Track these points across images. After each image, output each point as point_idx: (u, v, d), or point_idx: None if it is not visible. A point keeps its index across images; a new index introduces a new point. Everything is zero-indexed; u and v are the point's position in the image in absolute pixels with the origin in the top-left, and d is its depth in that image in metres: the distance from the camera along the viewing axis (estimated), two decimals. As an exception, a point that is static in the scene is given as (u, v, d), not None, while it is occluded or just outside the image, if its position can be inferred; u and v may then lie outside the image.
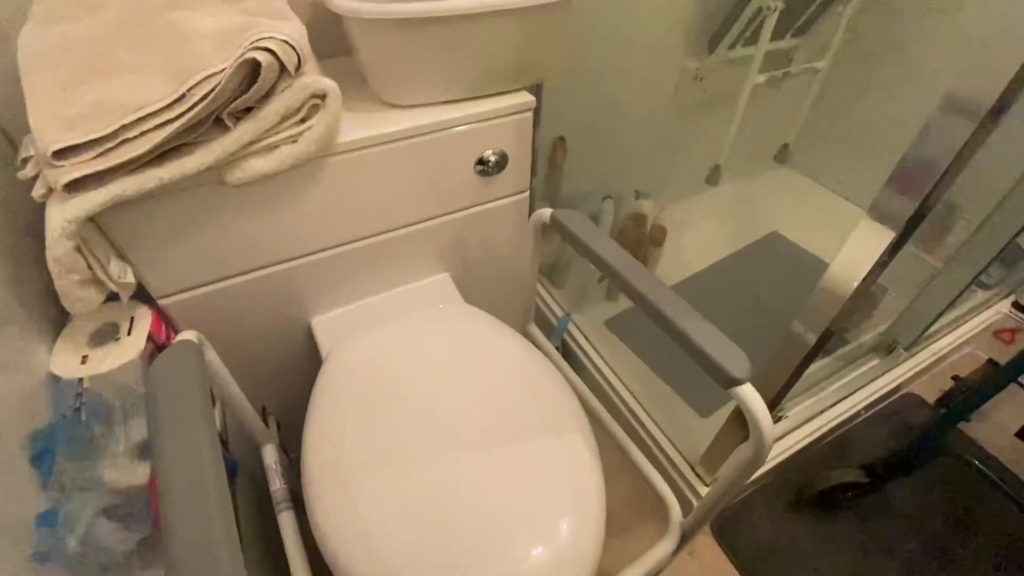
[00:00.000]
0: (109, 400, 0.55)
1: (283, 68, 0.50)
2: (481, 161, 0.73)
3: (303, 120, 0.56)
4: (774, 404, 0.77)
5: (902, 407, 1.23)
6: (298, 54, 0.51)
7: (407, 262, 0.80)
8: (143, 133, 0.48)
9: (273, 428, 0.81)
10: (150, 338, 0.59)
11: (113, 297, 0.57)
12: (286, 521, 0.64)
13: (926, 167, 0.48)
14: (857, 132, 1.50)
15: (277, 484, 0.67)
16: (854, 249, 0.57)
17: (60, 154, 0.46)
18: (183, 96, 0.48)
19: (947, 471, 1.07)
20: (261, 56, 0.47)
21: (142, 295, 0.62)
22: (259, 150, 0.55)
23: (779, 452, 0.98)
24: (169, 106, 0.48)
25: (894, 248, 0.54)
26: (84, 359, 0.55)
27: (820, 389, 1.05)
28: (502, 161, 0.75)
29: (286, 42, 0.49)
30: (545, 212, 0.65)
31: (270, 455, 0.70)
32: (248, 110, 0.52)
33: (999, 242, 1.01)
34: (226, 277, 0.65)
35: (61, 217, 0.46)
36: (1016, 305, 1.30)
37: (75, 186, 0.47)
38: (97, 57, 0.51)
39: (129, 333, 0.59)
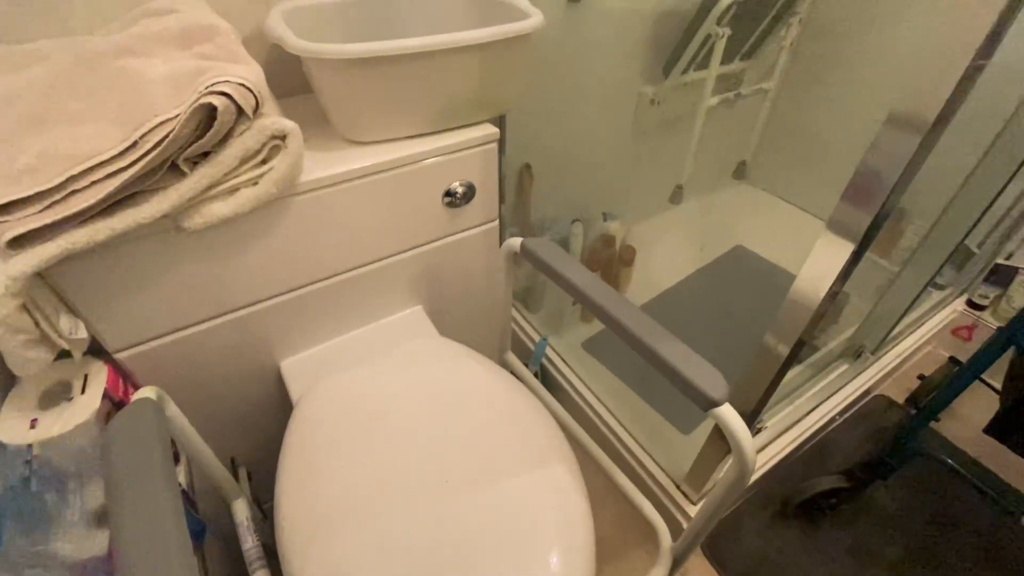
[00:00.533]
0: (62, 466, 0.51)
1: (240, 111, 0.49)
2: (449, 193, 0.73)
3: (264, 161, 0.55)
4: (753, 416, 0.78)
5: (874, 409, 1.26)
6: (256, 96, 0.50)
7: (378, 297, 0.79)
8: (93, 183, 0.46)
9: (244, 480, 0.77)
10: (106, 396, 0.56)
11: (65, 354, 0.54)
12: (261, 581, 0.61)
13: (878, 180, 0.50)
14: (808, 146, 1.59)
15: (249, 542, 0.63)
16: (817, 262, 0.58)
17: (4, 209, 0.44)
18: (135, 143, 0.46)
19: (923, 471, 1.09)
20: (217, 100, 0.47)
21: (96, 349, 0.58)
22: (218, 194, 0.53)
23: (762, 464, 0.99)
24: (121, 154, 0.47)
25: (854, 258, 0.56)
26: (33, 423, 0.51)
27: (796, 397, 1.07)
28: (469, 192, 0.75)
29: (243, 85, 0.49)
30: (515, 242, 0.65)
31: (241, 511, 0.66)
32: (205, 154, 0.51)
33: (949, 245, 1.06)
34: (187, 326, 0.63)
35: (5, 275, 0.44)
36: (970, 303, 1.36)
37: (20, 242, 0.44)
38: (44, 108, 0.49)
39: (83, 392, 0.55)
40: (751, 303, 1.42)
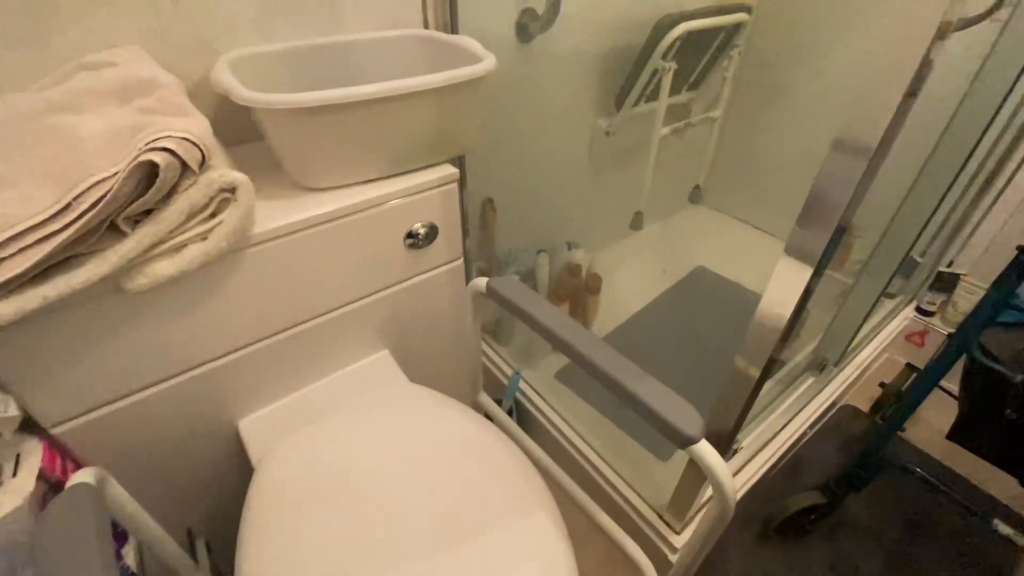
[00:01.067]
0: (-11, 562, 0.46)
1: (185, 166, 0.47)
2: (410, 235, 0.72)
3: (213, 215, 0.53)
4: (730, 439, 0.78)
5: (842, 419, 1.29)
6: (201, 150, 0.48)
7: (342, 345, 0.76)
8: (22, 250, 0.43)
9: (202, 552, 0.71)
10: (41, 476, 0.51)
11: (-8, 436, 0.49)
12: (223, 667, 0.55)
13: (830, 204, 0.52)
14: (757, 169, 1.66)
15: (209, 623, 0.58)
16: (779, 285, 0.60)
17: (-84, 284, 0.40)
18: (69, 205, 0.44)
19: (895, 480, 1.11)
20: (158, 157, 0.44)
21: (30, 424, 0.54)
22: (164, 252, 0.51)
23: (741, 484, 0.98)
24: (53, 217, 0.44)
25: (814, 279, 0.57)
26: (-45, 516, 0.46)
27: (767, 414, 1.08)
28: (432, 232, 0.74)
29: (186, 139, 0.47)
30: (480, 282, 0.64)
31: (199, 588, 0.61)
32: (148, 212, 0.49)
33: (897, 255, 1.12)
34: (132, 392, 0.59)
35: (-83, 356, 0.39)
36: (919, 310, 1.42)
37: (-64, 318, 0.41)
38: (-35, 171, 0.46)
39: (14, 475, 0.50)
40: (716, 321, 1.45)
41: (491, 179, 1.14)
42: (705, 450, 0.43)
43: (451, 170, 0.72)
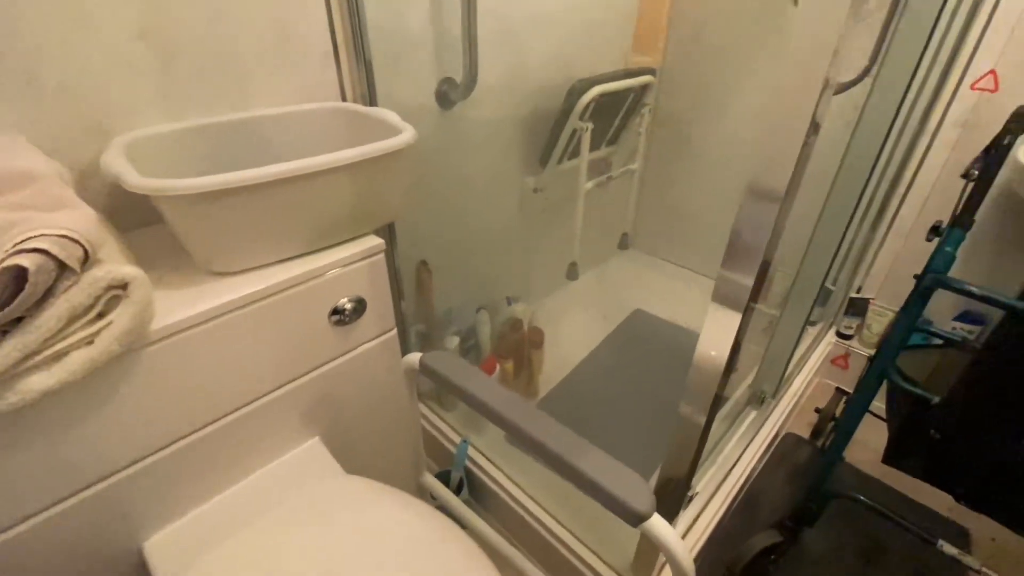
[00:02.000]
0: None
1: (63, 266, 0.42)
2: (336, 311, 0.68)
3: (100, 315, 0.47)
4: (685, 486, 0.77)
5: (786, 448, 1.32)
6: (83, 246, 0.43)
7: (265, 438, 0.69)
8: None
9: None
10: None
11: None
12: None
13: (750, 246, 0.54)
14: (678, 213, 1.77)
15: None
16: (713, 329, 0.61)
17: None
18: (-90, 324, 0.37)
19: (844, 508, 1.14)
20: (27, 260, 0.39)
21: None
22: (40, 362, 0.44)
23: (700, 531, 0.97)
24: None
25: (745, 320, 0.58)
26: None
27: (716, 454, 1.09)
28: (360, 306, 0.70)
29: (64, 236, 0.42)
30: (413, 358, 0.61)
31: None
32: (20, 319, 0.42)
33: (814, 285, 1.19)
34: (6, 527, 0.49)
35: None
36: (839, 334, 1.52)
37: None
38: None
39: None
40: (657, 362, 1.47)
41: (424, 241, 1.12)
42: (658, 526, 0.41)
43: (376, 241, 0.69)
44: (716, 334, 0.61)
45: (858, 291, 1.46)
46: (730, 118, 1.53)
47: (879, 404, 0.94)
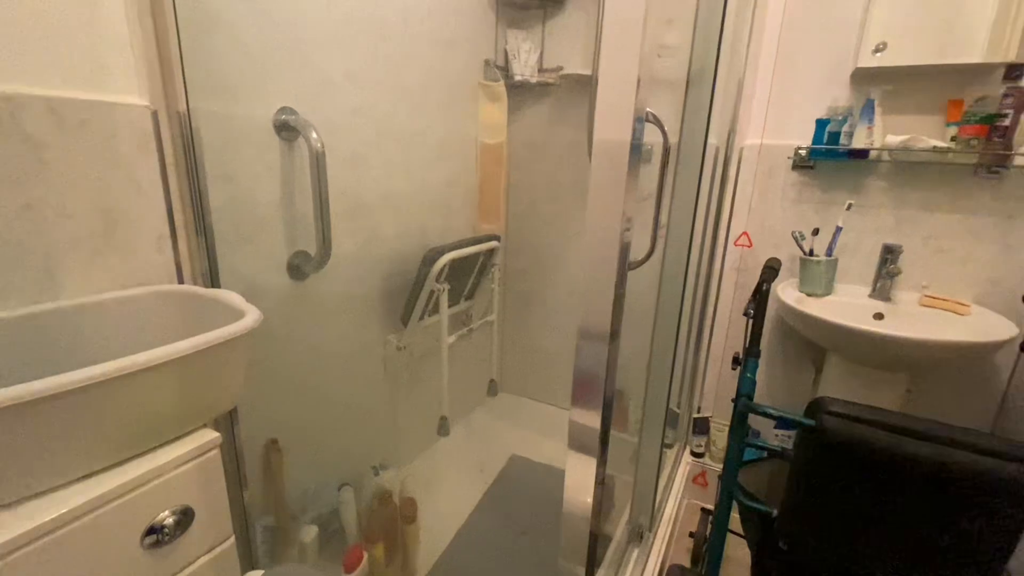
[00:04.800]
0: None
1: None
2: (152, 530, 0.56)
3: None
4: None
5: (673, 581, 1.31)
6: None
7: None
8: None
9: None
10: None
11: None
12: None
13: (592, 380, 0.58)
14: (536, 356, 1.89)
15: None
16: (575, 476, 0.62)
17: None
18: None
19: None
20: None
21: None
22: None
23: None
24: None
25: (602, 458, 0.61)
26: None
27: (612, 606, 1.04)
28: (185, 518, 0.59)
29: None
30: None
31: None
32: None
33: (661, 409, 1.30)
34: None
35: None
36: (693, 453, 1.64)
37: None
38: None
39: None
40: (542, 511, 1.43)
41: (272, 418, 1.02)
42: None
43: (210, 435, 0.62)
44: (579, 479, 0.63)
45: (699, 411, 1.64)
46: (565, 270, 1.76)
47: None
